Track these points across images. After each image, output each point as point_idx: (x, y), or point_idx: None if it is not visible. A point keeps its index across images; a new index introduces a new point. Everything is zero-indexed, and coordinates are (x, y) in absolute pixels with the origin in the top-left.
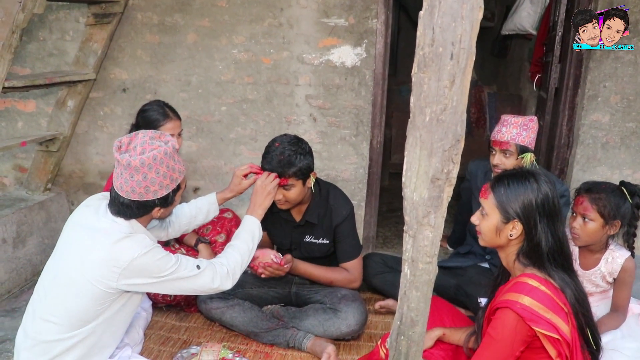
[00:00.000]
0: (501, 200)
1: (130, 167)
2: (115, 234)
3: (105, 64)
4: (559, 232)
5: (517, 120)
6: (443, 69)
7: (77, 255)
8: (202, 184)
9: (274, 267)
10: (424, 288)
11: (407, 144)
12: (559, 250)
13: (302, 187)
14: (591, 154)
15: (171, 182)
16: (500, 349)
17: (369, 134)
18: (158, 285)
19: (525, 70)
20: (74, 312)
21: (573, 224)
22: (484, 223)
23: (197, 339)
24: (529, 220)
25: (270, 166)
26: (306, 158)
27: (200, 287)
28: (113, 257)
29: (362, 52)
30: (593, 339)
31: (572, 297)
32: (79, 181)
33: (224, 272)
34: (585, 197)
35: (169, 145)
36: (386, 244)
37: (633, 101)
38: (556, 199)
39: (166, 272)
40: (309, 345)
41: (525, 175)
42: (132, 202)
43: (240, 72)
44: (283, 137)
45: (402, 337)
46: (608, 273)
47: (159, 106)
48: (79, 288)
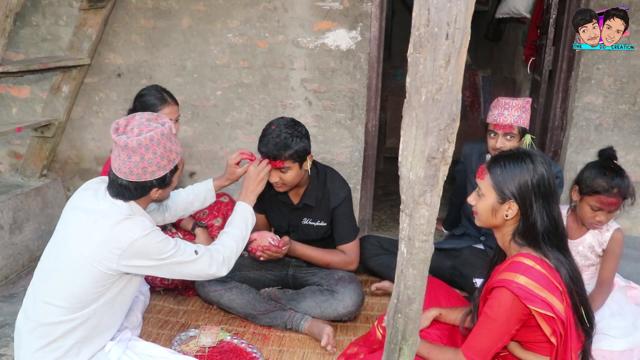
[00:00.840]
0: (497, 180)
1: (128, 148)
2: (116, 215)
3: (99, 49)
4: (554, 213)
5: (517, 102)
6: (438, 48)
7: (77, 237)
8: (198, 169)
9: (272, 249)
10: (420, 266)
11: (403, 123)
12: (554, 230)
13: (299, 170)
14: (584, 136)
15: (168, 162)
16: (496, 328)
17: (364, 117)
18: (157, 268)
19: (520, 54)
20: (75, 294)
21: (599, 218)
22: (480, 203)
23: (195, 322)
24: (525, 201)
25: (266, 149)
26: (302, 141)
27: (197, 272)
28: (114, 238)
29: (357, 35)
30: (587, 316)
31: (567, 276)
32: (74, 167)
33: (219, 258)
34: (618, 199)
35: (165, 126)
36: (382, 227)
37: (626, 83)
38: (552, 179)
39: (165, 255)
40: (306, 326)
41: (521, 156)
42: (130, 183)
43: (235, 56)
44: (280, 120)
45: (399, 315)
46: (597, 244)
47: (157, 91)
48: (80, 269)
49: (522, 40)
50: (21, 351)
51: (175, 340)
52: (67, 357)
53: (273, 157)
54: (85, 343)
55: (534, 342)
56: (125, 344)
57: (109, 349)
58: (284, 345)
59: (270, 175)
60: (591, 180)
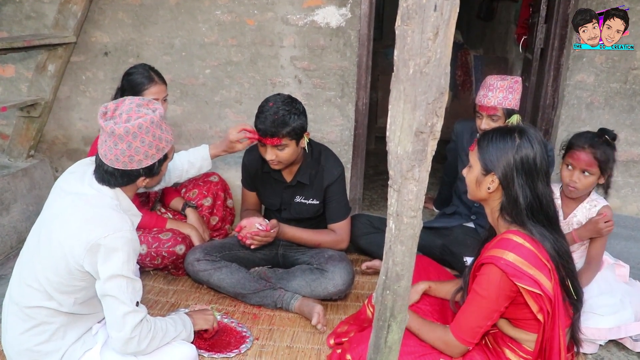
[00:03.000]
0: (482, 152)
1: (114, 135)
2: (99, 205)
3: (85, 27)
4: (539, 190)
5: (502, 83)
6: (427, 20)
7: (61, 222)
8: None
9: (261, 234)
10: (409, 242)
11: (391, 97)
12: (538, 207)
13: (296, 147)
14: (576, 115)
15: (157, 151)
16: (485, 305)
17: (355, 95)
18: (97, 282)
19: (512, 33)
20: (54, 282)
21: (572, 178)
22: (469, 174)
23: (186, 302)
24: (506, 176)
25: (264, 126)
26: (300, 118)
27: (113, 312)
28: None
29: (347, 12)
30: (574, 289)
31: (552, 249)
32: (62, 147)
33: (145, 328)
34: (587, 152)
35: (156, 113)
36: (372, 206)
37: (617, 62)
38: (540, 157)
39: (112, 272)
40: (296, 305)
41: (510, 131)
42: (115, 170)
43: (224, 34)
44: (277, 97)
45: (388, 292)
46: (585, 219)
47: (144, 69)
48: (64, 254)
49: (514, 19)
50: (7, 334)
51: None
52: (52, 341)
53: (271, 134)
54: (70, 326)
55: (522, 320)
56: None
57: (96, 331)
58: (274, 324)
59: (267, 152)
60: (571, 138)
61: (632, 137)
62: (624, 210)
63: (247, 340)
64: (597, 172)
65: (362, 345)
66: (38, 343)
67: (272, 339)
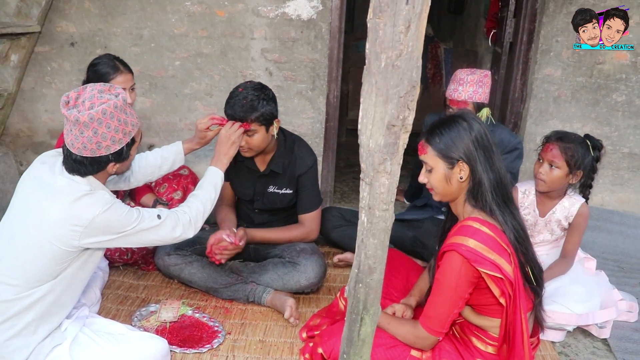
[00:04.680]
0: (440, 148)
1: (79, 123)
2: (74, 192)
3: (50, 16)
4: (496, 166)
5: (472, 78)
6: (398, 14)
7: (35, 215)
8: (156, 141)
9: (229, 248)
10: (381, 235)
11: (363, 90)
12: (498, 182)
13: (266, 134)
14: (544, 108)
15: (124, 136)
16: (449, 293)
17: (326, 88)
18: (121, 239)
19: (481, 26)
20: (33, 273)
21: (539, 170)
22: (432, 177)
23: (156, 297)
24: (471, 158)
25: (232, 111)
26: (269, 104)
27: (162, 237)
28: (74, 215)
29: (318, 4)
30: (533, 275)
31: (512, 235)
32: (27, 140)
33: (186, 220)
34: (555, 144)
35: (119, 98)
36: (344, 198)
37: (583, 56)
38: (487, 133)
39: (129, 226)
40: (268, 299)
41: (454, 118)
42: (84, 158)
43: (194, 25)
44: (247, 83)
45: (360, 285)
46: (564, 217)
47: (109, 59)
48: (39, 249)
49: (483, 13)
50: None
51: (136, 316)
52: (22, 336)
53: (239, 119)
54: (43, 320)
55: (485, 305)
56: (82, 321)
57: (65, 327)
58: (246, 319)
59: None
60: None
61: (597, 130)
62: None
63: (219, 335)
64: (565, 167)
65: (334, 338)
66: (8, 338)
67: (244, 333)
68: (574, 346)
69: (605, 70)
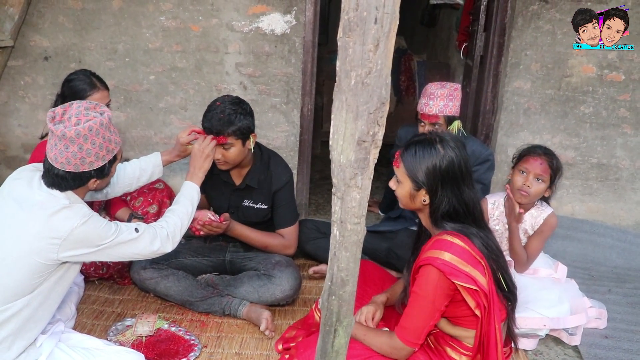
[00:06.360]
0: (410, 168)
1: (65, 138)
2: (53, 205)
3: (24, 30)
4: (465, 195)
5: (442, 92)
6: (367, 33)
7: (11, 230)
8: (131, 155)
9: (213, 224)
10: (353, 248)
11: (334, 107)
12: (464, 212)
13: (242, 148)
14: (514, 120)
15: (107, 153)
16: (426, 305)
17: (300, 101)
18: (99, 253)
19: (453, 39)
20: (9, 287)
21: (525, 182)
22: (399, 189)
23: (132, 311)
24: (432, 186)
25: (209, 124)
26: (246, 118)
27: (140, 251)
28: (52, 228)
29: (291, 19)
30: (505, 282)
31: (481, 245)
32: (0, 155)
33: (164, 234)
34: (544, 159)
35: (104, 116)
36: (319, 210)
37: (552, 69)
38: (463, 163)
39: (107, 239)
40: (244, 312)
41: (431, 141)
42: (67, 173)
43: (168, 40)
44: (225, 97)
45: (334, 297)
46: (530, 226)
47: (86, 76)
48: (15, 263)
49: (455, 26)
50: None
51: (111, 331)
52: None
53: (216, 132)
54: (19, 336)
55: (461, 317)
56: (57, 336)
57: (40, 343)
58: (223, 332)
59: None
60: (527, 147)
61: (566, 141)
62: (560, 211)
63: (196, 349)
64: (548, 180)
65: (310, 350)
66: None
67: (220, 346)
68: (546, 354)
69: (573, 83)
